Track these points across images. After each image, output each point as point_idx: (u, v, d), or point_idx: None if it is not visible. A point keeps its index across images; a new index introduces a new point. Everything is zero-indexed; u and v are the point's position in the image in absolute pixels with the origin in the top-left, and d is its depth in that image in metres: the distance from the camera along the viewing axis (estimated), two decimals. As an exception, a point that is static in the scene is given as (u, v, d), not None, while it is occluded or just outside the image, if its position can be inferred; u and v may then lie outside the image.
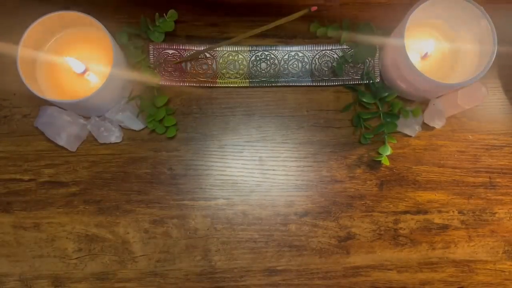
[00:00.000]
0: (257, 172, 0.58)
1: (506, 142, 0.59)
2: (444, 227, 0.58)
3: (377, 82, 0.59)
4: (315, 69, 0.59)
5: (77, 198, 0.56)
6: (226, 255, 0.57)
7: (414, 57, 0.56)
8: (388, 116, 0.57)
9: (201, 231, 0.57)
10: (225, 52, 0.59)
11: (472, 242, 0.58)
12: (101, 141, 0.56)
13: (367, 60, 0.59)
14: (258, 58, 0.59)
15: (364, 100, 0.58)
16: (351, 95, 0.59)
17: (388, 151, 0.57)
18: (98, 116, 0.56)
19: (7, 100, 0.58)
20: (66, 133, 0.55)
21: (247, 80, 0.59)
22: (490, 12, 0.52)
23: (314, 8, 0.51)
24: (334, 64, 0.59)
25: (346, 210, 0.58)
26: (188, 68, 0.59)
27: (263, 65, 0.59)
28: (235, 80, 0.59)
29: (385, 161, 0.57)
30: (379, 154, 0.57)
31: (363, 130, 0.58)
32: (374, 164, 0.58)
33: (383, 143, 0.57)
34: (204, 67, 0.59)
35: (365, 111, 0.58)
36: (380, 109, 0.58)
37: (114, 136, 0.56)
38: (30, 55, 0.51)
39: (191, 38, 0.60)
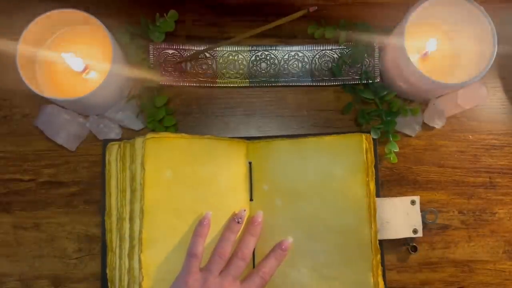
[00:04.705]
0: (257, 172, 0.58)
1: (506, 142, 0.59)
2: (444, 227, 0.58)
3: (377, 82, 0.58)
4: (315, 69, 0.59)
5: (77, 198, 0.56)
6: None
7: (414, 57, 0.56)
8: (388, 114, 0.57)
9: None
10: (225, 52, 0.59)
11: (472, 242, 0.58)
12: (100, 137, 0.56)
13: (367, 60, 0.59)
14: (258, 58, 0.59)
15: (364, 96, 0.57)
16: (351, 95, 0.59)
17: (396, 147, 0.56)
18: (97, 115, 0.56)
19: (7, 100, 0.58)
20: (65, 132, 0.55)
21: (247, 80, 0.59)
22: (490, 11, 0.52)
23: (312, 9, 0.51)
24: (334, 64, 0.59)
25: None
26: (188, 68, 0.59)
27: (263, 65, 0.59)
28: (235, 80, 0.59)
29: (394, 159, 0.56)
30: (387, 152, 0.56)
31: (370, 125, 0.57)
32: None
33: (389, 140, 0.56)
34: (204, 67, 0.59)
35: (368, 108, 0.58)
36: (380, 107, 0.58)
37: (114, 133, 0.56)
38: (30, 54, 0.51)
39: (191, 38, 0.60)
